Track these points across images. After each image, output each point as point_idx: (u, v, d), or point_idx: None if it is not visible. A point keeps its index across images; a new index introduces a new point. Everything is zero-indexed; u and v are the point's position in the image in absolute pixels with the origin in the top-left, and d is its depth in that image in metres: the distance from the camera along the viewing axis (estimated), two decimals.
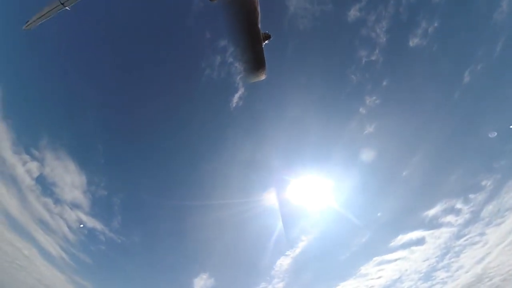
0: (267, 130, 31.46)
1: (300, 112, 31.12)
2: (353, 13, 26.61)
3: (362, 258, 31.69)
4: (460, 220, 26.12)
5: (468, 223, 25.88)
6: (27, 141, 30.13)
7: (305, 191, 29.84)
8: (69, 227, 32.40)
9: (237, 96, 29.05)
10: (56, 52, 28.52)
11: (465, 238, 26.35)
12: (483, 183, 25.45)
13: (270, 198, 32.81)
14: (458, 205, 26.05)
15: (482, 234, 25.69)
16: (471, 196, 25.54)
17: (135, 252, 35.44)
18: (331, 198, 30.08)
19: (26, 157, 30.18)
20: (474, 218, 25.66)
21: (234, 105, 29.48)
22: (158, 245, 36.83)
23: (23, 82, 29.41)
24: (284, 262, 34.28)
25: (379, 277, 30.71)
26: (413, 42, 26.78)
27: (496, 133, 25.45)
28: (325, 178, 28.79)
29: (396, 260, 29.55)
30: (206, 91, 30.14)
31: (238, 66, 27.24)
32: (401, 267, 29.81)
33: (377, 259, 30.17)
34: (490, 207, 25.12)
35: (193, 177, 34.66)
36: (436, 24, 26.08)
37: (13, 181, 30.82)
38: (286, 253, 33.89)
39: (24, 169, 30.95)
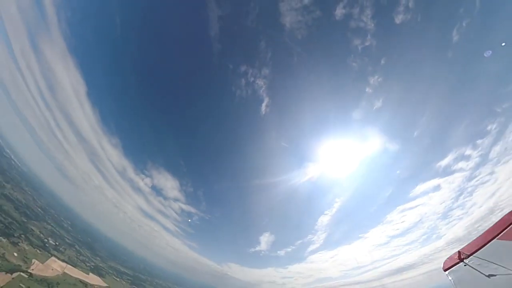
0: (294, 123, 39.93)
1: (317, 104, 38.41)
2: (339, 11, 32.11)
3: (387, 208, 36.83)
4: (471, 164, 28.91)
5: (478, 165, 28.59)
6: (140, 166, 49.12)
7: (334, 164, 37.10)
8: (176, 212, 49.91)
9: (264, 105, 39.00)
10: (147, 108, 44.13)
11: (476, 179, 28.98)
12: (488, 127, 27.51)
13: (308, 173, 41.28)
14: (468, 152, 28.99)
15: (491, 173, 27.87)
16: (479, 141, 28.23)
17: (218, 223, 51.34)
18: (356, 166, 36.43)
19: (142, 176, 48.93)
20: (483, 160, 28.15)
21: (263, 112, 39.68)
22: (233, 217, 51.68)
23: (130, 131, 46.68)
24: (324, 219, 42.51)
25: (403, 222, 35.31)
26: (399, 19, 30.37)
27: (490, 52, 25.47)
28: (349, 152, 35.34)
29: (416, 206, 33.72)
30: (241, 107, 41.19)
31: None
32: (421, 211, 33.76)
33: (400, 207, 34.86)
34: (497, 148, 27.25)
35: (248, 166, 46.65)
36: None
37: (139, 191, 50.01)
38: (325, 212, 42.02)
39: (143, 183, 49.97)
